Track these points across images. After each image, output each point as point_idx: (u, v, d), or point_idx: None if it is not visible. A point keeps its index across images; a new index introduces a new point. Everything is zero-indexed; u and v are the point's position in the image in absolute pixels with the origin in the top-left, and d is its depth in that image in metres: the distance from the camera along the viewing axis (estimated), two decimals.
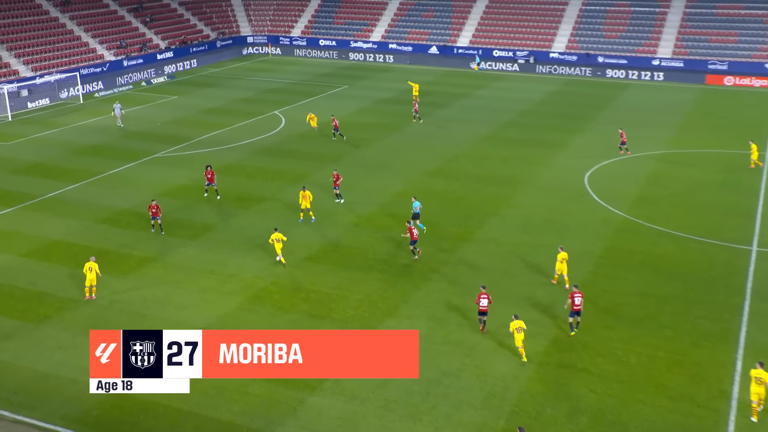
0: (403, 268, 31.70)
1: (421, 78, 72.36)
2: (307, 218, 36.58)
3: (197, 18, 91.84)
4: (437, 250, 33.44)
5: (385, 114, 59.09)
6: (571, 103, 63.24)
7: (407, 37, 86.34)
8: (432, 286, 30.25)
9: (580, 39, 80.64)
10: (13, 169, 45.20)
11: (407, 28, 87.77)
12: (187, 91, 69.47)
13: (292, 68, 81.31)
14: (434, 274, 31.21)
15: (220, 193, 40.19)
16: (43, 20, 74.16)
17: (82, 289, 29.71)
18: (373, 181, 42.59)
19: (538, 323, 27.46)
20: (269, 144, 50.44)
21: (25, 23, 72.21)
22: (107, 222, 36.75)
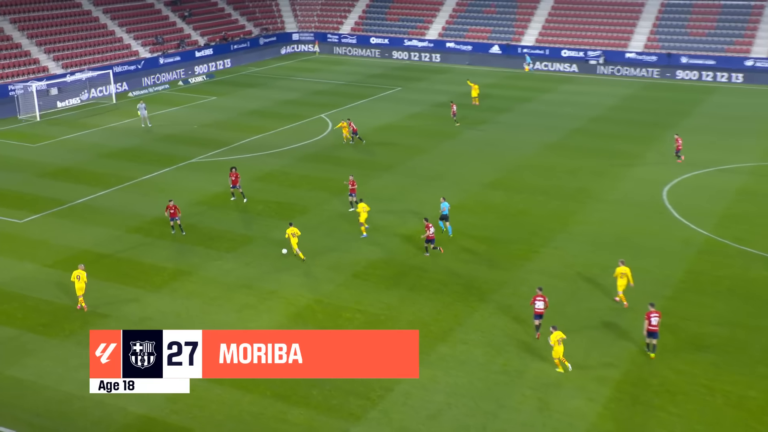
0: (459, 288, 31.63)
1: (481, 80, 72.26)
2: (358, 231, 36.84)
3: (239, 13, 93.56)
4: (496, 269, 33.29)
5: (440, 119, 59.17)
6: (649, 108, 62.42)
7: (466, 36, 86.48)
8: (490, 308, 30.10)
9: (661, 37, 79.62)
10: (41, 173, 46.59)
11: (466, 25, 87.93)
12: (227, 91, 70.69)
13: (340, 68, 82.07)
14: (493, 295, 31.06)
15: (261, 202, 40.72)
16: (75, 14, 76.45)
17: (112, 305, 30.40)
18: (426, 192, 42.65)
19: (610, 352, 27.06)
20: (314, 150, 50.96)
21: (56, 17, 74.54)
22: (139, 231, 37.56)
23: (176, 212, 36.82)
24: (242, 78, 77.25)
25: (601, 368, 25.85)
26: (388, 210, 40.03)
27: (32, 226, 38.34)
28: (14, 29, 70.21)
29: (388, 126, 57.22)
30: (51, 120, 60.12)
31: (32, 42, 70.02)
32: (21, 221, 38.81)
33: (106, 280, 32.27)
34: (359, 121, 58.41)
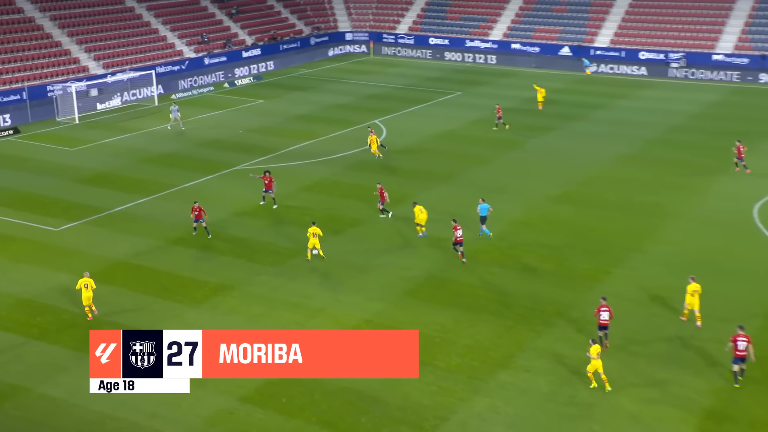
0: (521, 310, 31.38)
1: (549, 84, 71.74)
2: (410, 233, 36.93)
3: (289, 10, 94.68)
4: (563, 290, 32.95)
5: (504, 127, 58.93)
6: (739, 116, 61.23)
7: (533, 36, 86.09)
8: (556, 333, 29.79)
9: (755, 37, 78.01)
10: (78, 178, 47.69)
11: (534, 25, 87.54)
12: (275, 94, 71.50)
13: (397, 70, 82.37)
14: (559, 319, 30.74)
15: (309, 214, 41.01)
16: (118, 11, 78.23)
17: (150, 317, 30.89)
18: (489, 204, 42.40)
19: (690, 385, 26.52)
20: (367, 158, 51.16)
21: (98, 14, 76.36)
22: (180, 243, 38.14)
23: (201, 214, 38.08)
24: (291, 80, 78.07)
25: (681, 403, 25.31)
26: (445, 224, 39.93)
27: (68, 235, 39.23)
28: (54, 26, 72.16)
29: (446, 133, 57.18)
30: (90, 123, 61.56)
31: (72, 40, 71.83)
32: (56, 229, 39.77)
33: (144, 293, 32.82)
34: (415, 127, 58.51)
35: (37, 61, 66.94)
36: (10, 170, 49.47)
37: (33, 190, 45.44)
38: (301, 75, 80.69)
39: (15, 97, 62.16)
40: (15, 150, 54.05)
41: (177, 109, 59.05)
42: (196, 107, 66.54)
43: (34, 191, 45.31)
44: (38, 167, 50.01)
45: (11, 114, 60.89)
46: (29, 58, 66.66)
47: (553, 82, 74.46)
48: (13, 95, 62.16)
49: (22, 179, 47.59)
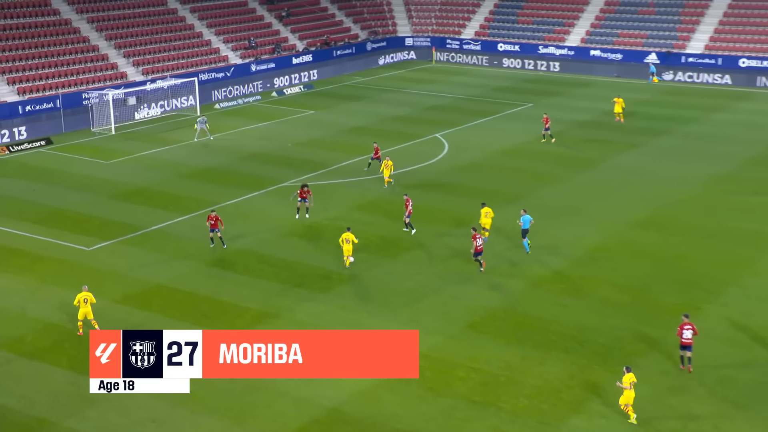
0: (597, 347, 30.86)
1: (633, 96, 71.07)
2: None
3: (344, 13, 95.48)
4: (646, 327, 32.35)
5: (580, 143, 58.43)
6: None
7: (616, 42, 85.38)
8: (638, 374, 29.18)
9: None
10: (113, 194, 48.45)
11: (616, 29, 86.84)
12: (328, 104, 71.96)
13: (462, 79, 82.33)
14: (642, 359, 30.14)
15: (362, 236, 41.03)
16: (159, 12, 79.74)
17: None
18: (560, 229, 42.04)
19: None
20: (427, 175, 51.07)
21: (138, 16, 77.91)
22: (220, 265, 38.44)
23: (217, 224, 39.08)
24: (345, 89, 78.53)
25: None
26: (512, 249, 39.58)
27: (101, 255, 39.80)
28: (91, 30, 73.76)
29: (515, 149, 56.87)
30: (127, 133, 62.65)
31: (110, 44, 73.34)
32: (89, 249, 40.39)
33: (180, 319, 33.06)
34: (479, 142, 58.32)
35: (73, 66, 68.45)
36: (41, 184, 50.50)
37: (64, 206, 46.29)
38: (355, 83, 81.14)
39: (48, 105, 63.55)
40: (47, 162, 55.23)
41: (204, 121, 59.97)
42: (241, 118, 67.31)
43: (65, 207, 46.15)
44: (71, 181, 50.99)
45: (44, 123, 62.28)
46: (64, 63, 68.21)
47: (636, 93, 73.68)
48: (47, 103, 63.54)
49: (53, 194, 48.53)
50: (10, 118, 61.46)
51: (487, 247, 38.54)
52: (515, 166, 53.00)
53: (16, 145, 58.31)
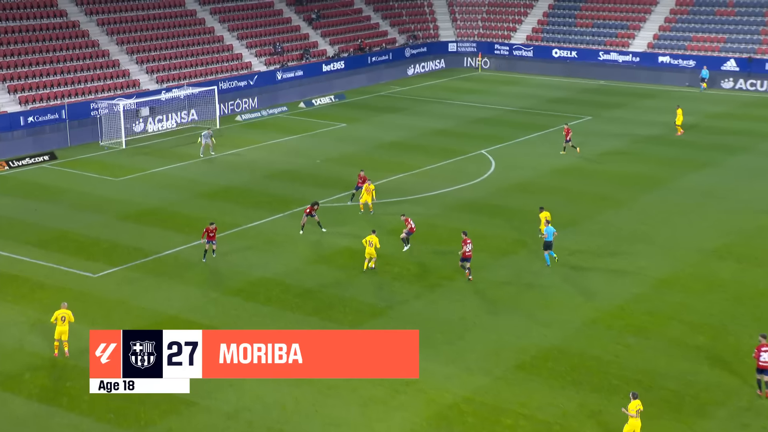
0: (666, 393, 30.47)
1: (707, 108, 70.70)
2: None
3: (380, 15, 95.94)
4: (723, 371, 31.90)
5: (646, 160, 58.14)
6: None
7: (689, 46, 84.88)
8: (714, 427, 28.77)
9: None
10: (123, 215, 48.81)
11: (689, 32, 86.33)
12: (361, 116, 72.14)
13: (512, 89, 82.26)
14: (718, 409, 29.74)
15: (399, 264, 40.96)
16: (177, 14, 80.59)
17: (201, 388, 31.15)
18: (623, 258, 41.76)
19: None
20: (471, 196, 50.97)
21: (152, 18, 78.78)
22: (240, 294, 38.52)
23: (215, 236, 41.49)
24: (380, 100, 78.73)
25: None
26: (569, 281, 39.32)
27: (108, 283, 40.03)
28: (101, 33, 74.70)
29: (572, 168, 56.63)
30: (139, 148, 63.18)
31: (122, 49, 74.21)
32: (95, 275, 40.66)
33: None
34: (530, 159, 58.15)
35: (80, 74, 69.28)
36: (44, 203, 51.04)
37: (69, 228, 46.69)
38: (392, 93, 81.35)
39: (52, 116, 64.27)
40: (50, 179, 55.85)
41: (209, 135, 60.55)
42: (265, 131, 67.69)
43: (69, 229, 46.55)
44: (76, 200, 51.46)
45: (47, 136, 63.07)
46: (71, 70, 69.06)
47: (711, 104, 73.26)
48: (51, 114, 64.27)
49: (56, 214, 49.00)
50: (11, 130, 62.22)
51: (537, 277, 38.29)
52: (572, 186, 52.73)
53: (16, 160, 59.00)
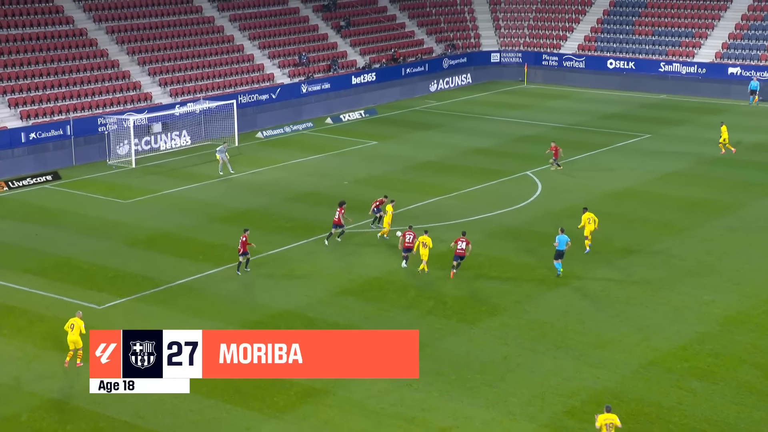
0: None
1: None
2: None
3: (416, 23, 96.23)
4: None
5: (712, 183, 57.82)
6: None
7: (762, 56, 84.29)
8: None
9: None
10: (131, 240, 49.01)
11: (763, 40, 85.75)
12: (393, 133, 72.22)
13: (560, 104, 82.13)
14: None
15: (433, 296, 40.83)
16: (193, 21, 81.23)
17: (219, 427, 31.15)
18: (686, 293, 41.48)
19: None
20: (515, 222, 50.84)
21: (166, 25, 79.41)
22: (259, 328, 38.35)
23: (245, 247, 43.55)
24: (415, 115, 78.80)
25: None
26: (624, 318, 39.02)
27: (115, 315, 40.14)
28: (110, 41, 75.41)
29: (628, 191, 56.35)
30: (150, 167, 63.56)
31: (132, 59, 74.86)
32: (100, 307, 40.80)
33: (209, 396, 33.09)
34: (582, 181, 57.95)
35: (87, 86, 69.93)
36: (45, 227, 51.38)
37: (72, 254, 46.94)
38: (429, 108, 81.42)
39: (56, 132, 64.83)
40: (53, 201, 56.24)
41: (225, 149, 61.21)
42: (288, 149, 67.91)
43: (73, 255, 46.80)
44: (81, 224, 51.77)
45: (51, 154, 63.60)
46: (76, 82, 69.71)
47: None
48: (54, 130, 64.84)
49: (59, 239, 49.31)
50: (11, 147, 62.89)
51: (588, 313, 37.95)
52: (628, 212, 52.45)
53: (17, 180, 59.49)
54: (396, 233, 46.18)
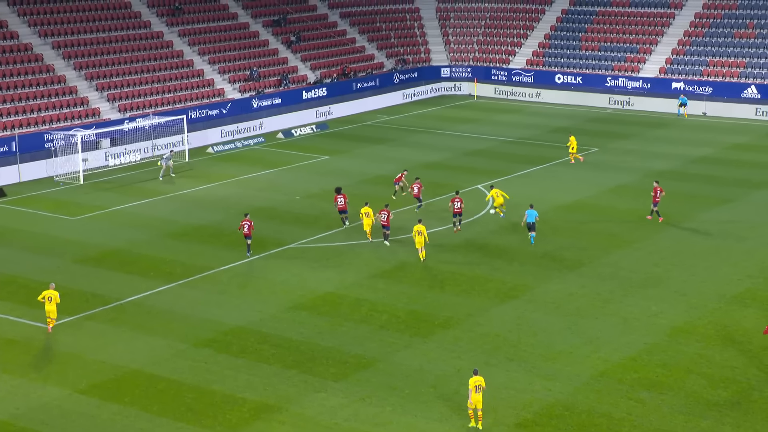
0: None
1: (727, 139, 70.95)
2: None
3: (366, 38, 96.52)
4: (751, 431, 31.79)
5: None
6: None
7: (705, 71, 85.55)
8: None
9: None
10: (80, 257, 48.60)
11: (705, 56, 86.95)
12: (345, 148, 72.23)
13: (510, 118, 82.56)
14: None
15: (386, 311, 40.88)
16: (141, 36, 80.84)
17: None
18: (635, 304, 41.78)
19: None
20: (467, 236, 51.00)
21: (114, 40, 78.89)
22: (211, 345, 38.30)
23: (250, 231, 46.40)
24: (366, 130, 78.88)
25: None
26: (575, 330, 39.27)
27: (63, 334, 39.72)
28: (57, 57, 74.80)
29: (576, 204, 56.73)
30: (99, 183, 63.07)
31: (80, 75, 74.33)
32: (48, 326, 40.43)
33: (160, 414, 32.86)
34: (532, 195, 58.24)
35: (33, 101, 69.32)
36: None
37: (18, 272, 46.46)
38: (379, 123, 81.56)
39: (1, 148, 64.21)
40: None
41: (170, 157, 62.58)
42: (239, 164, 67.71)
43: (19, 273, 46.32)
44: (27, 242, 51.26)
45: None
46: (22, 98, 69.08)
47: (731, 135, 73.66)
48: (0, 146, 64.21)
49: (4, 258, 48.77)
50: None
51: (539, 325, 38.12)
52: (577, 225, 52.79)
53: None
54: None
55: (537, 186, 60.64)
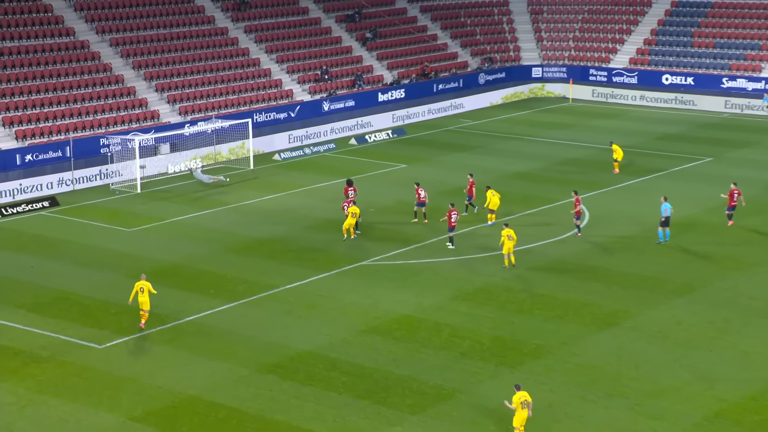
0: None
1: None
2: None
3: (449, 34, 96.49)
4: None
5: None
6: None
7: None
8: None
9: None
10: (135, 272, 48.84)
11: None
12: (424, 155, 72.17)
13: (610, 124, 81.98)
14: None
15: (469, 336, 40.60)
16: (203, 33, 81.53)
17: None
18: (755, 335, 41.28)
19: None
20: (560, 254, 50.71)
21: (174, 37, 79.68)
22: (276, 371, 38.33)
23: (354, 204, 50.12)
24: (448, 136, 78.79)
25: None
26: (685, 363, 38.66)
27: (116, 355, 40.05)
28: (114, 55, 75.77)
29: (686, 221, 55.97)
30: (157, 192, 63.69)
31: (138, 74, 75.21)
32: (101, 346, 40.71)
33: None
34: (633, 210, 57.60)
35: (89, 103, 70.21)
36: (41, 258, 51.43)
37: (70, 288, 46.95)
38: (463, 128, 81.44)
39: (54, 153, 65.09)
40: (50, 229, 56.36)
41: (200, 169, 64.84)
42: (308, 172, 67.91)
43: (71, 289, 46.80)
44: (80, 255, 51.82)
45: (48, 177, 63.69)
46: (77, 99, 70.00)
47: None
48: (53, 151, 65.09)
49: (56, 272, 49.33)
50: (5, 170, 63.14)
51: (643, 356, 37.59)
52: (688, 244, 52.12)
53: (10, 206, 59.72)
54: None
55: (636, 200, 59.94)
